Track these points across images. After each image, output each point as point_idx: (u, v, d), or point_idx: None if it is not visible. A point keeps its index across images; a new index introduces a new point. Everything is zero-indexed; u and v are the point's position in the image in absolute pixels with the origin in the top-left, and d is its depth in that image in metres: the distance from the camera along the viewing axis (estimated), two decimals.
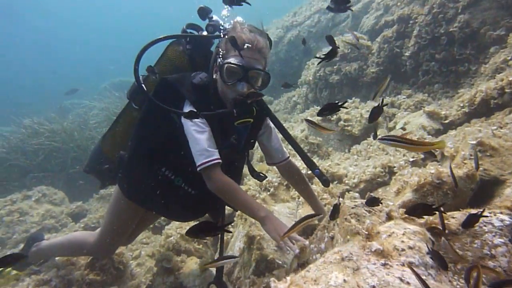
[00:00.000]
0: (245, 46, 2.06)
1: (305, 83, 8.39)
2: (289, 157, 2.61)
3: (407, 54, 6.12)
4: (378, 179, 3.56)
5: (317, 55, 1.98)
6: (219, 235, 2.48)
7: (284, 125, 2.47)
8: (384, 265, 1.37)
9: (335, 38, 7.45)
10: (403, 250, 1.41)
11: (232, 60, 2.07)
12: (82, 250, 2.80)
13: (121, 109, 2.61)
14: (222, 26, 2.37)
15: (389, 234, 1.50)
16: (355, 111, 5.72)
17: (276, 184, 3.83)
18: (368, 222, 1.54)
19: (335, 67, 7.38)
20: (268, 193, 3.72)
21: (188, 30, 2.46)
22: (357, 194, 3.38)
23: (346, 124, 5.43)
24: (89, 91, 15.58)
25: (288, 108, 9.10)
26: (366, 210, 1.92)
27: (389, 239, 1.47)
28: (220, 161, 2.06)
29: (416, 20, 5.96)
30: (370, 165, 3.80)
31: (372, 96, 2.23)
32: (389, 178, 3.50)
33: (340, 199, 3.10)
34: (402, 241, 1.45)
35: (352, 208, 1.95)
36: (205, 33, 2.42)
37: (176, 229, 3.35)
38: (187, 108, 2.12)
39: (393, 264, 1.36)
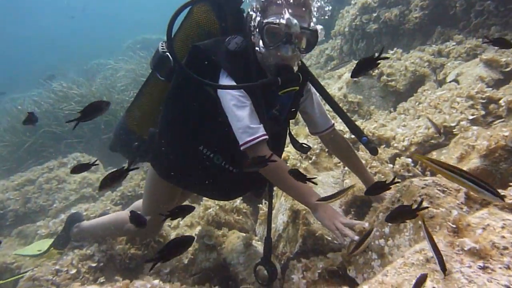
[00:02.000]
0: (287, 0, 1.77)
1: (339, 34, 7.83)
2: (333, 124, 2.35)
3: None
4: (432, 141, 3.23)
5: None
6: (268, 207, 2.31)
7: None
8: (483, 268, 1.13)
9: None
10: (505, 248, 1.16)
11: (273, 19, 1.77)
12: (124, 231, 2.72)
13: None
14: None
15: (484, 227, 1.25)
16: (398, 63, 5.24)
17: (317, 151, 3.59)
18: (455, 213, 1.28)
19: (374, 14, 6.79)
20: (310, 161, 3.49)
21: None
22: (409, 159, 3.08)
23: (389, 79, 4.99)
24: (113, 50, 15.47)
25: (320, 62, 8.60)
26: (439, 190, 1.66)
27: (485, 234, 1.22)
28: (266, 137, 1.84)
29: None
30: (421, 125, 3.45)
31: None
32: (445, 139, 3.16)
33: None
34: (503, 237, 1.19)
35: (422, 188, 1.69)
36: None
37: (214, 201, 3.22)
38: (223, 80, 1.88)
39: (495, 267, 1.12)
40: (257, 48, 1.92)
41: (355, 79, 5.37)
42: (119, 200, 4.52)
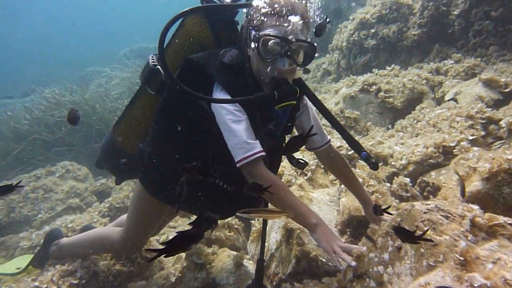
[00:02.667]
0: (284, 12, 1.69)
1: (337, 48, 7.82)
2: (330, 140, 2.27)
3: (455, 12, 5.47)
4: (431, 161, 3.16)
5: None
6: (262, 226, 2.20)
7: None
8: None
9: None
10: None
11: (270, 31, 1.70)
12: (106, 248, 2.60)
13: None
14: None
15: (494, 261, 1.15)
16: (396, 80, 5.22)
17: (313, 167, 3.50)
18: (463, 244, 1.19)
19: (372, 30, 6.80)
20: (305, 178, 3.40)
21: None
22: (407, 179, 3.01)
23: (386, 95, 4.95)
24: (109, 58, 15.40)
25: (317, 76, 8.58)
26: (442, 215, 1.56)
27: (496, 269, 1.12)
28: (263, 153, 1.74)
29: None
30: (419, 144, 3.38)
31: None
32: (444, 159, 3.09)
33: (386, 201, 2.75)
34: None
35: (425, 213, 1.60)
36: (228, 0, 2.01)
37: None
38: (217, 93, 1.79)
39: None
40: (252, 61, 1.84)
41: (352, 94, 5.33)
42: (107, 211, 4.38)
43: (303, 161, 2.35)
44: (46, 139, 6.40)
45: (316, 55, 1.84)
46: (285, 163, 3.78)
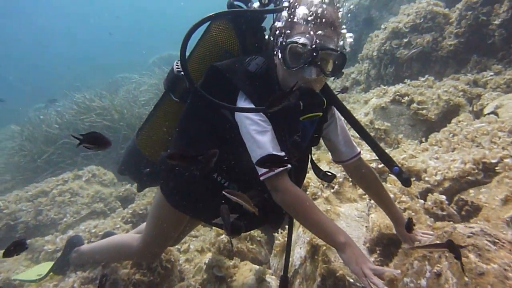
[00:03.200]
0: (313, 19, 1.61)
1: (367, 58, 7.65)
2: (359, 152, 2.15)
3: (496, 22, 5.21)
4: (469, 178, 2.96)
5: None
6: (286, 242, 2.10)
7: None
8: None
9: (403, 7, 6.53)
10: None
11: (297, 38, 1.62)
12: (126, 255, 2.56)
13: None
14: None
15: None
16: (430, 91, 5.01)
17: (341, 180, 3.36)
18: None
19: (404, 40, 6.60)
20: (332, 190, 3.26)
21: (236, 4, 1.99)
22: (443, 196, 2.82)
23: (419, 106, 4.75)
24: (139, 65, 15.81)
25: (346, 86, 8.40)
26: (489, 241, 1.42)
27: None
28: (288, 167, 1.65)
29: None
30: (456, 159, 3.19)
31: None
32: (484, 177, 2.89)
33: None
34: None
35: (469, 237, 1.46)
36: (256, 5, 1.93)
37: None
38: (241, 102, 1.73)
39: None
40: (278, 70, 1.77)
41: (383, 105, 5.16)
42: (130, 218, 4.39)
43: (330, 174, 2.24)
44: (75, 143, 6.53)
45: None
46: (310, 175, 3.66)
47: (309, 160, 2.19)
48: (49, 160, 6.34)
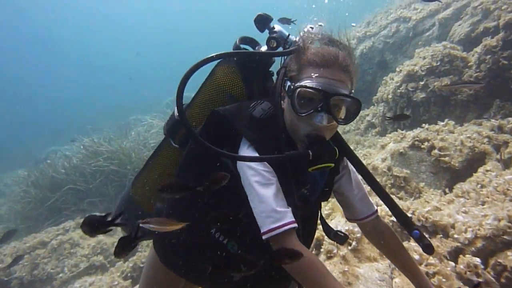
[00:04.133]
0: (324, 62, 1.48)
1: (382, 100, 7.54)
2: (377, 210, 1.92)
3: None
4: (505, 237, 2.67)
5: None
6: None
7: (357, 150, 1.80)
8: None
9: (418, 50, 6.51)
10: None
11: (307, 82, 1.48)
12: None
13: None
14: (288, 38, 1.78)
15: None
16: (451, 137, 4.78)
17: (358, 235, 3.11)
18: None
19: (421, 82, 6.47)
20: (350, 248, 3.00)
21: (242, 46, 1.89)
22: (477, 259, 2.53)
23: (441, 153, 4.51)
24: (154, 106, 16.07)
25: (360, 128, 8.26)
26: None
27: None
28: (295, 225, 1.46)
29: None
30: (488, 214, 2.91)
31: None
32: None
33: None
34: None
35: None
36: (264, 48, 1.82)
37: None
38: (244, 150, 1.57)
39: None
40: (286, 115, 1.62)
41: (401, 151, 4.94)
42: (130, 272, 4.13)
43: (342, 234, 2.02)
44: (81, 189, 6.44)
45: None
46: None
47: (319, 216, 1.99)
48: (53, 207, 6.21)
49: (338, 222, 3.56)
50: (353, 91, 1.56)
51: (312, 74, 1.48)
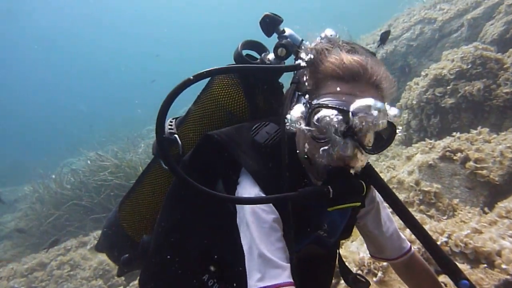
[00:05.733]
0: (350, 75, 1.17)
1: (406, 107, 7.12)
2: (411, 247, 1.63)
3: None
4: None
5: None
6: None
7: (379, 162, 1.49)
8: None
9: (445, 53, 6.09)
10: None
11: (328, 100, 1.17)
12: None
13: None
14: (302, 44, 1.43)
15: None
16: (488, 146, 4.35)
17: (385, 264, 2.74)
18: None
19: (448, 87, 6.05)
20: (375, 279, 2.63)
21: (246, 54, 1.56)
22: None
23: (478, 166, 4.08)
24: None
25: None
26: None
27: None
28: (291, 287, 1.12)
29: None
30: None
31: None
32: None
33: None
34: None
35: None
36: (271, 56, 1.47)
37: None
38: (245, 184, 1.27)
39: None
40: (298, 140, 1.30)
41: (430, 163, 4.53)
42: None
43: (363, 279, 1.72)
44: (86, 204, 6.26)
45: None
46: (347, 253, 3.05)
47: (337, 258, 1.71)
48: (56, 224, 6.04)
49: (360, 248, 3.20)
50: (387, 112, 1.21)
51: (334, 89, 1.16)
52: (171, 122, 1.68)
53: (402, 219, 1.44)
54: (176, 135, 1.58)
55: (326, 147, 1.17)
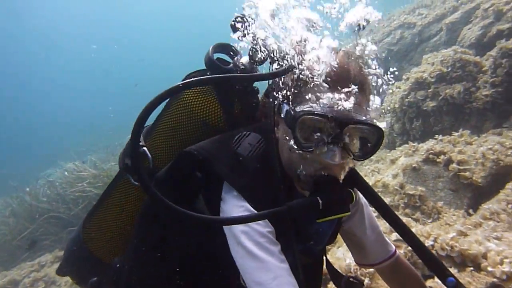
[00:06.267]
0: (334, 78, 1.10)
1: (388, 111, 7.16)
2: (396, 251, 1.57)
3: None
4: None
5: None
6: None
7: (364, 166, 1.44)
8: None
9: (426, 56, 6.15)
10: None
11: (312, 107, 1.09)
12: None
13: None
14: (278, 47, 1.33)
15: None
16: (470, 149, 4.38)
17: (371, 270, 2.67)
18: None
19: (429, 90, 6.10)
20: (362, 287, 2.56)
21: (217, 59, 1.43)
22: None
23: (461, 167, 4.09)
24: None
25: None
26: None
27: None
28: None
29: None
30: None
31: None
32: None
33: None
34: None
35: None
36: (245, 60, 1.36)
37: None
38: (229, 198, 1.18)
39: None
40: (282, 148, 1.22)
41: (414, 165, 4.53)
42: None
43: (356, 281, 1.63)
44: (63, 216, 6.03)
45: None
46: (334, 260, 2.98)
47: (324, 262, 1.64)
48: (30, 238, 5.77)
49: (346, 254, 3.14)
50: (368, 116, 1.15)
51: (318, 95, 1.09)
52: None
53: (388, 222, 1.39)
54: (144, 148, 1.44)
55: (312, 156, 1.10)
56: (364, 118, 1.09)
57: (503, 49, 5.19)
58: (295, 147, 1.11)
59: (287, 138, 1.14)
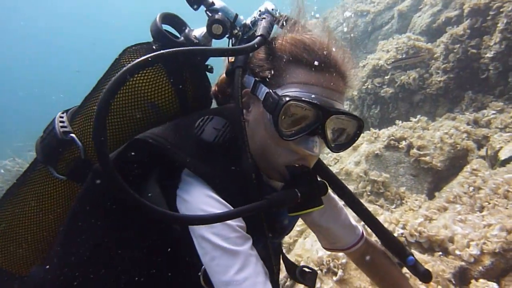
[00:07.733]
0: (321, 62, 0.99)
1: (347, 98, 7.25)
2: (363, 233, 1.50)
3: (488, 55, 4.90)
4: None
5: None
6: None
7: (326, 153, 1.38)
8: None
9: (381, 43, 6.26)
10: None
11: (298, 92, 0.98)
12: None
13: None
14: (236, 20, 1.18)
15: None
16: (428, 134, 4.50)
17: (344, 261, 2.65)
18: None
19: (386, 77, 6.24)
20: (335, 278, 2.53)
21: (164, 30, 1.23)
22: (494, 284, 2.13)
23: (421, 152, 4.19)
24: None
25: None
26: None
27: None
28: None
29: (502, 10, 4.75)
30: (493, 223, 2.55)
31: None
32: None
33: None
34: None
35: None
36: (198, 32, 1.21)
37: None
38: (187, 187, 1.02)
39: None
40: (253, 134, 1.08)
41: (377, 152, 4.58)
42: None
43: (310, 270, 1.52)
44: None
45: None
46: (304, 252, 2.93)
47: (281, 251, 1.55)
48: None
49: (314, 245, 3.10)
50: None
51: (302, 78, 0.98)
52: (61, 116, 1.27)
53: (353, 210, 1.35)
54: (73, 135, 1.19)
55: (290, 144, 0.98)
56: (343, 108, 1.00)
57: (454, 35, 5.37)
58: (273, 134, 0.99)
59: (265, 123, 1.02)
